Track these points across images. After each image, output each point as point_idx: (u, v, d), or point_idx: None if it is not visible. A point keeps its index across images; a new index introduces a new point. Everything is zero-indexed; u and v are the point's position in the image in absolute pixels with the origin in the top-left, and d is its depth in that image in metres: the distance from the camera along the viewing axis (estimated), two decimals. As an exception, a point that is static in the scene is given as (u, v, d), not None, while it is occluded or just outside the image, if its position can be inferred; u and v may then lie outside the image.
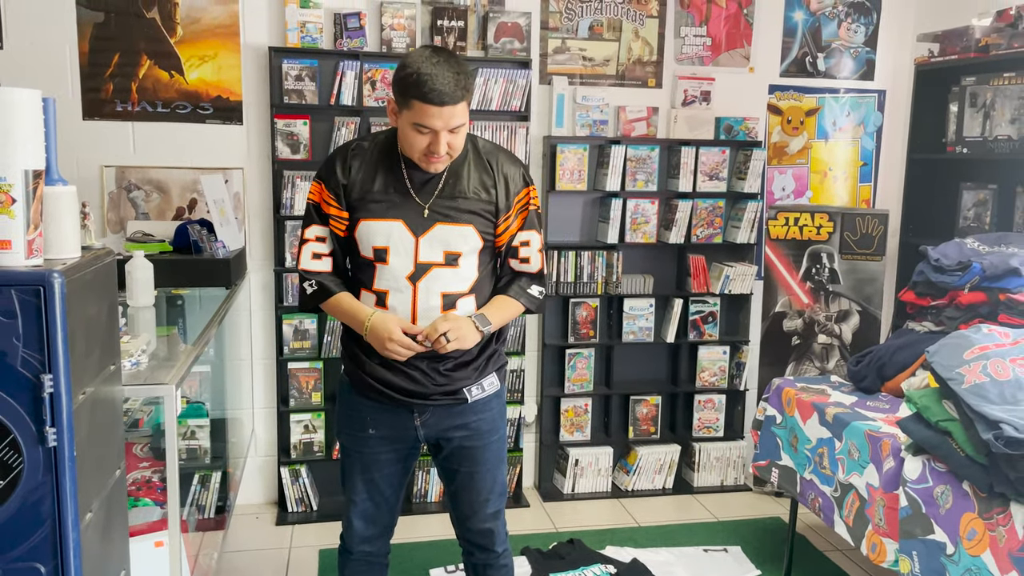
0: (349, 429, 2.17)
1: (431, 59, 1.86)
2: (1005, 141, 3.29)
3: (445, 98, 1.84)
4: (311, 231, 2.07)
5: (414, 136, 1.91)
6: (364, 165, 2.02)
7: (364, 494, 2.18)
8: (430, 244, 2.00)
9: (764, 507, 3.89)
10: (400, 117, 1.92)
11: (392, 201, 2.00)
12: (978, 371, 2.10)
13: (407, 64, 1.87)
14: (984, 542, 2.04)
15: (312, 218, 2.07)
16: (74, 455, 1.41)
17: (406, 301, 2.01)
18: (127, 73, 3.42)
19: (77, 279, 1.45)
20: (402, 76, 1.87)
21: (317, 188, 2.06)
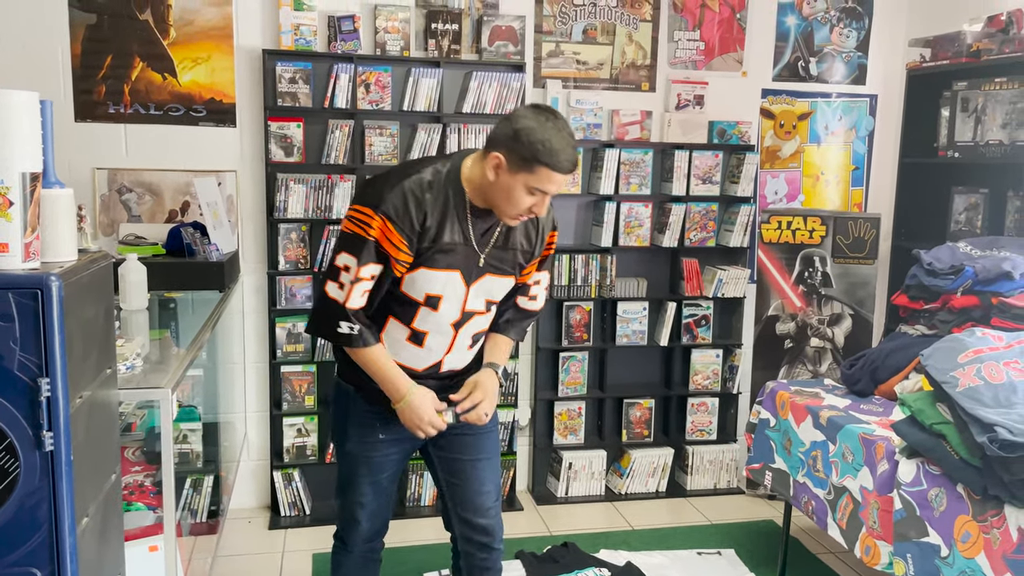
0: (358, 436, 2.15)
1: (555, 127, 1.86)
2: (996, 146, 3.32)
3: (572, 167, 1.88)
4: (367, 270, 1.92)
5: (522, 196, 1.90)
6: (436, 211, 1.95)
7: (371, 495, 2.19)
8: (476, 293, 2.04)
9: (757, 510, 3.90)
10: (513, 177, 1.88)
11: (456, 251, 1.98)
12: (972, 374, 2.11)
13: (533, 131, 1.84)
14: (978, 544, 2.05)
15: (370, 255, 1.92)
16: (71, 459, 1.40)
17: (444, 344, 2.06)
18: (120, 75, 3.41)
19: (74, 282, 1.44)
20: (530, 143, 1.84)
21: (380, 225, 1.90)
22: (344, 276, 1.93)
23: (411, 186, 1.92)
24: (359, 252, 1.92)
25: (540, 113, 1.88)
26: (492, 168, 1.89)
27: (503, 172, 1.88)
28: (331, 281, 1.95)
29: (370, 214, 1.90)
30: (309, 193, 3.51)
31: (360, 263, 1.92)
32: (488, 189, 1.93)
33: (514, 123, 1.87)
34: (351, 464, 2.18)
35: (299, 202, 3.50)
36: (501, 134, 1.89)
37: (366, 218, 1.91)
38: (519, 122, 1.86)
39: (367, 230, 1.91)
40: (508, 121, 1.89)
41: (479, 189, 1.95)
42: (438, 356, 2.08)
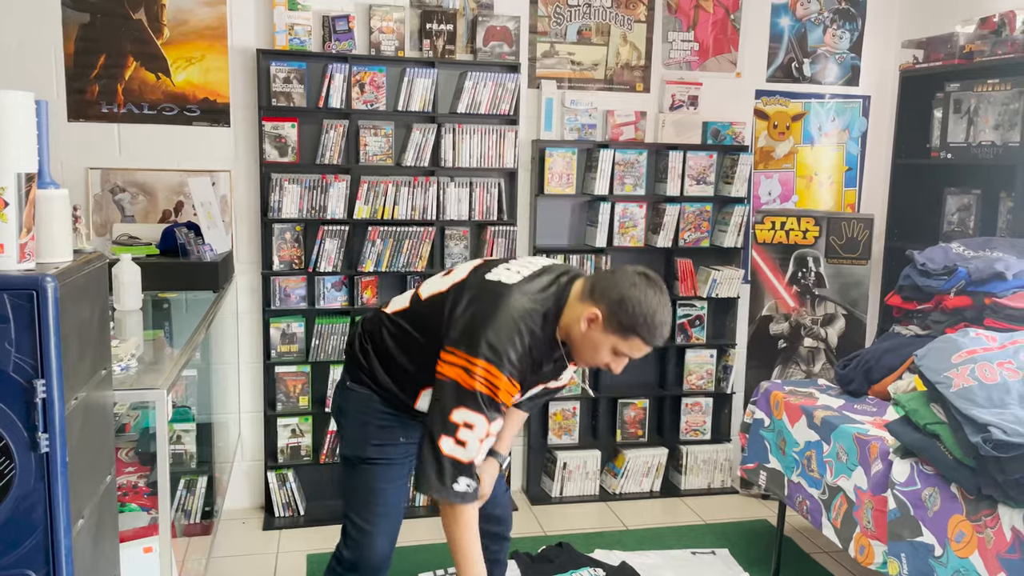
0: (378, 440, 2.12)
1: (660, 302, 1.90)
2: (989, 147, 3.33)
3: (663, 342, 1.95)
4: (496, 424, 1.91)
5: (606, 355, 1.95)
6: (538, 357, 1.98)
7: (394, 504, 2.16)
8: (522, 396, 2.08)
9: (751, 510, 3.91)
10: (604, 336, 1.92)
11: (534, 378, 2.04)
12: (966, 375, 2.12)
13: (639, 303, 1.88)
14: (972, 544, 2.06)
15: (497, 411, 1.89)
16: (66, 461, 1.39)
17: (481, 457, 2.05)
18: (113, 75, 3.39)
19: (70, 283, 1.43)
20: (634, 313, 1.88)
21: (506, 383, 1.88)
22: (465, 433, 1.87)
23: (528, 344, 1.92)
24: (485, 410, 1.88)
25: (650, 285, 1.90)
26: (586, 320, 1.91)
27: (596, 328, 1.91)
28: (446, 436, 1.87)
29: (496, 374, 1.87)
30: (303, 193, 3.50)
31: (489, 420, 1.88)
32: (576, 336, 1.95)
33: (623, 288, 1.88)
34: (371, 472, 2.14)
35: (293, 202, 3.50)
36: (608, 291, 1.90)
37: (493, 378, 1.87)
38: (629, 289, 1.88)
39: (495, 391, 1.88)
40: (617, 280, 1.91)
41: (567, 330, 1.97)
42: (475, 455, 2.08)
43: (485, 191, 3.70)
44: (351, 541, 2.18)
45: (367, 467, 2.14)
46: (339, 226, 3.55)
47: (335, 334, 3.61)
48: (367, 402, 2.12)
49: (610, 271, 1.98)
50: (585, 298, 1.94)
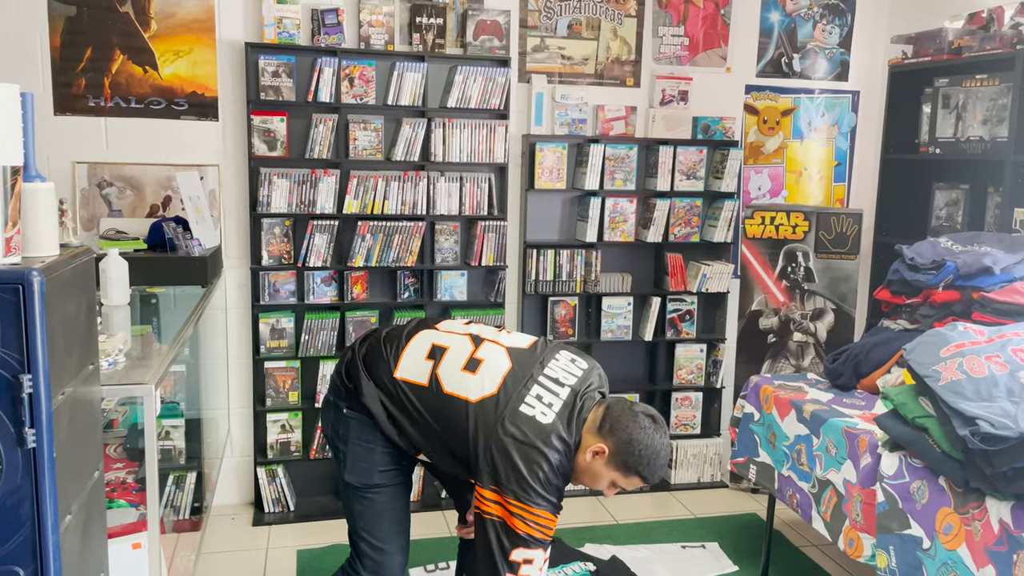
0: (385, 466, 2.13)
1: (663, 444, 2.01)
2: (977, 142, 3.35)
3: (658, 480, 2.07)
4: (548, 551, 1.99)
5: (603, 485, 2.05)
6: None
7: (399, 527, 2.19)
8: None
9: (741, 503, 3.93)
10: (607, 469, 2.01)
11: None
12: (954, 368, 2.13)
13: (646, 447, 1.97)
14: (960, 536, 2.07)
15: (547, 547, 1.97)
16: (53, 456, 1.38)
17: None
18: (100, 68, 3.36)
19: (56, 277, 1.42)
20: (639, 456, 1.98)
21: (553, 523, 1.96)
22: (527, 568, 1.93)
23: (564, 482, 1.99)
24: (545, 544, 1.95)
25: (657, 429, 2.01)
26: (592, 452, 1.99)
27: (600, 461, 2.00)
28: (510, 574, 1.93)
29: (551, 519, 1.95)
30: (293, 188, 3.48)
31: (545, 550, 1.96)
32: (580, 463, 2.02)
33: (632, 430, 1.97)
34: (377, 497, 2.14)
35: (282, 197, 3.48)
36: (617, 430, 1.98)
37: (548, 523, 1.94)
38: (638, 432, 1.97)
39: (548, 533, 1.95)
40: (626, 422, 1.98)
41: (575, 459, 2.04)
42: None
43: (475, 186, 3.69)
44: (368, 561, 2.18)
45: (376, 493, 2.14)
46: (329, 221, 3.53)
47: (325, 329, 3.60)
48: (371, 429, 2.09)
49: (620, 405, 2.03)
50: (593, 431, 2.01)
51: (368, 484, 2.13)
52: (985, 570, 1.99)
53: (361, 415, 2.10)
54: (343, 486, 2.19)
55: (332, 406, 2.18)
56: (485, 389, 2.02)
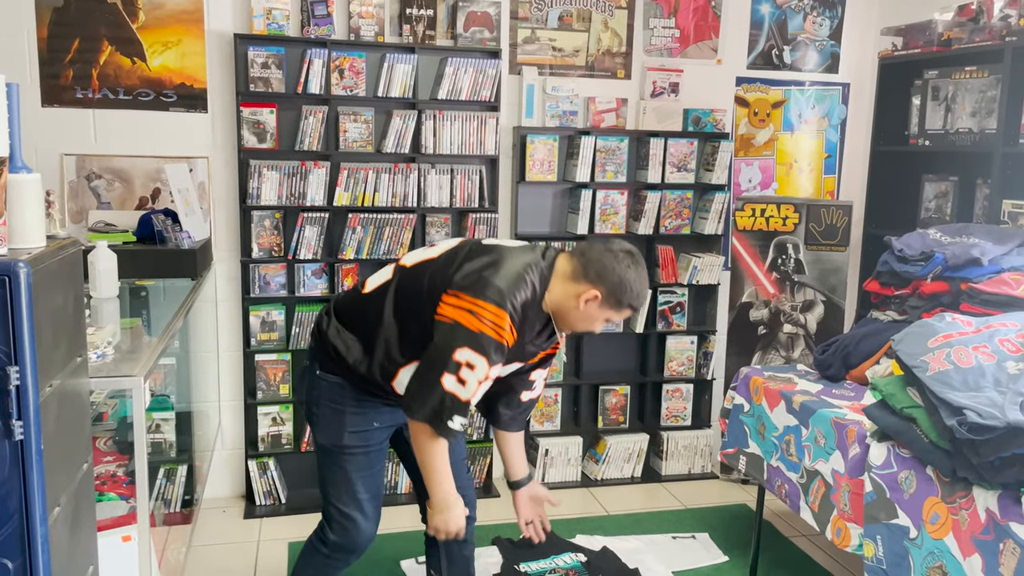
0: (355, 427, 2.16)
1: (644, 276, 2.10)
2: (966, 134, 3.36)
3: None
4: (495, 369, 1.98)
5: (599, 324, 2.12)
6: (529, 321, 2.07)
7: (371, 491, 2.22)
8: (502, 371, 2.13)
9: (731, 494, 3.95)
10: (601, 311, 2.07)
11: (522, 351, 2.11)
12: (942, 359, 2.15)
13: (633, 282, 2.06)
14: (947, 526, 2.09)
15: (500, 355, 1.97)
16: (41, 448, 1.38)
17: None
18: (88, 59, 3.34)
19: (43, 269, 1.41)
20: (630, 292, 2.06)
21: (507, 325, 1.96)
22: (467, 372, 1.92)
23: (529, 297, 2.03)
24: (489, 352, 1.94)
25: (635, 262, 2.09)
26: (585, 300, 2.05)
27: (594, 305, 2.06)
28: (449, 374, 1.92)
29: (501, 315, 1.95)
30: (282, 180, 3.47)
31: (491, 363, 1.95)
32: (569, 310, 2.08)
33: (620, 270, 2.05)
34: (349, 459, 2.17)
35: (272, 189, 3.47)
36: (605, 273, 2.04)
37: (499, 320, 1.94)
38: (625, 272, 2.05)
39: (500, 333, 1.95)
40: (609, 262, 2.05)
41: (556, 304, 2.08)
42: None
43: (466, 178, 3.69)
44: (337, 526, 2.21)
45: (346, 455, 2.17)
46: (319, 213, 3.52)
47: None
48: (340, 391, 2.14)
49: (596, 250, 2.08)
50: (579, 279, 2.06)
51: (338, 445, 2.16)
52: (972, 559, 2.01)
53: (332, 376, 2.14)
54: (317, 451, 2.24)
55: (307, 370, 2.24)
56: (448, 246, 2.16)
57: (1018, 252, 2.75)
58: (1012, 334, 2.18)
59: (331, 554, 2.25)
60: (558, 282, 2.08)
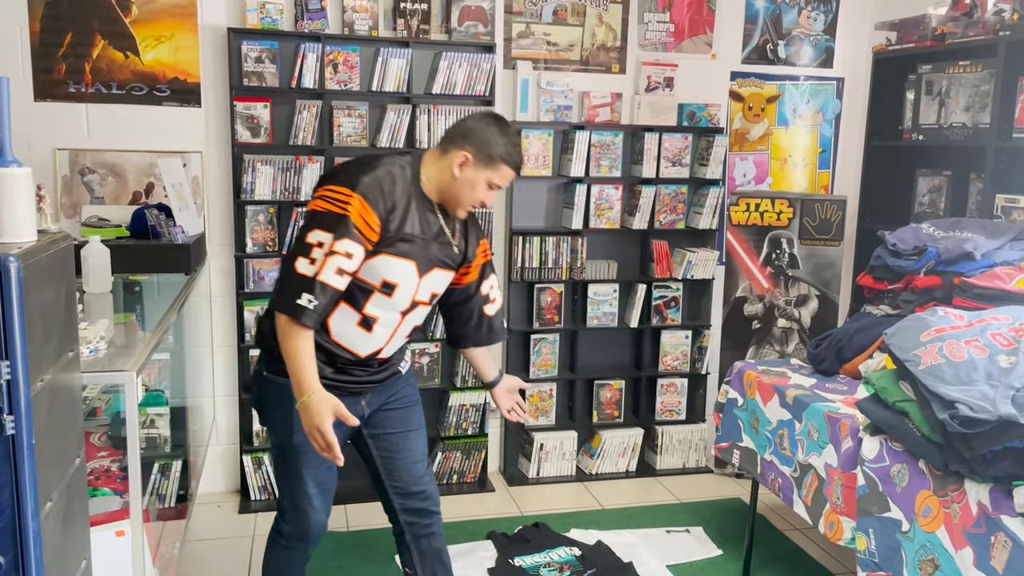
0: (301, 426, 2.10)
1: (512, 133, 2.13)
2: (960, 128, 3.37)
3: (520, 168, 2.17)
4: (343, 244, 1.95)
5: (482, 190, 2.11)
6: (401, 202, 2.07)
7: (321, 486, 2.22)
8: (426, 285, 2.16)
9: (725, 488, 3.96)
10: (477, 173, 2.09)
11: (414, 243, 2.10)
12: (934, 353, 2.15)
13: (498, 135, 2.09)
14: (939, 519, 2.10)
15: (346, 230, 1.96)
16: (33, 443, 1.38)
17: (389, 331, 2.16)
18: (80, 53, 3.33)
19: (33, 263, 1.41)
20: (497, 144, 2.09)
21: (358, 203, 1.97)
22: (317, 252, 1.96)
23: (382, 175, 2.04)
24: (335, 228, 1.96)
25: (500, 121, 2.13)
26: (458, 165, 2.08)
27: (468, 168, 2.08)
28: (301, 258, 1.96)
29: (348, 192, 1.97)
30: (276, 175, 3.47)
31: (336, 237, 1.95)
32: (449, 184, 2.11)
33: (482, 128, 2.10)
34: (300, 457, 2.17)
35: (266, 184, 3.46)
36: (469, 134, 2.09)
37: (344, 196, 1.97)
38: (488, 128, 2.10)
39: (344, 207, 1.96)
40: (472, 124, 2.11)
41: (436, 185, 2.12)
42: (382, 342, 2.16)
43: (460, 172, 3.68)
44: (291, 517, 2.26)
45: (296, 454, 2.17)
46: (313, 208, 3.51)
47: (310, 317, 3.59)
48: (287, 392, 2.08)
49: (458, 121, 2.16)
50: (447, 149, 2.11)
51: (288, 444, 2.17)
52: (963, 552, 2.02)
53: (279, 378, 2.11)
54: (271, 448, 2.29)
55: (256, 373, 2.25)
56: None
57: (1011, 246, 2.76)
58: (1004, 328, 2.18)
59: (288, 544, 2.30)
60: (430, 162, 2.13)
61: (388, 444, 2.30)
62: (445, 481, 3.88)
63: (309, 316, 1.95)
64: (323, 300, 1.96)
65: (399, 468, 2.30)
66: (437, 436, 3.88)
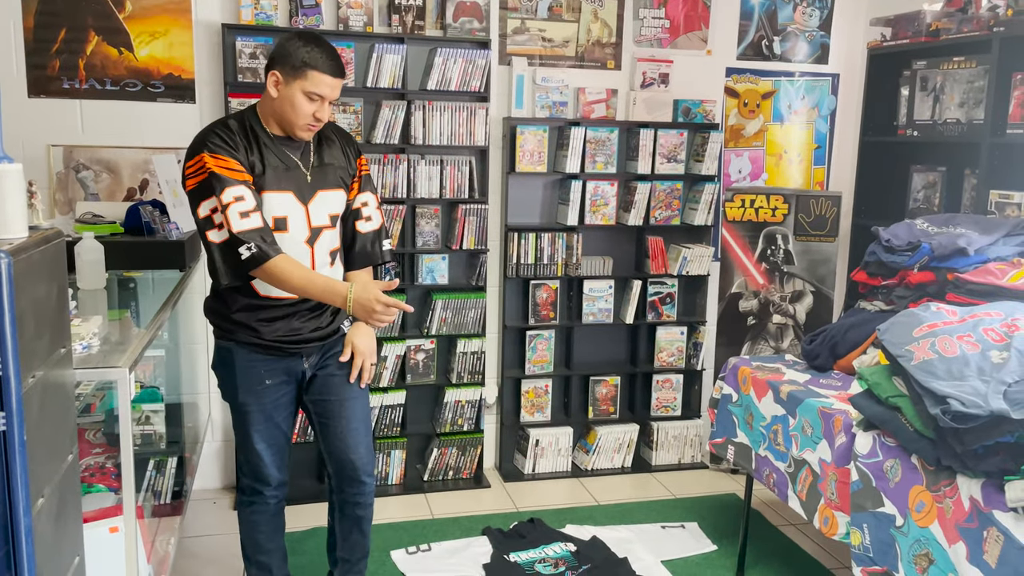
0: (247, 385, 2.32)
1: (318, 43, 2.18)
2: (954, 124, 3.37)
3: (338, 71, 2.20)
4: (229, 193, 2.10)
5: (303, 103, 2.18)
6: (245, 141, 2.21)
7: (268, 441, 2.38)
8: (317, 209, 2.29)
9: (720, 484, 3.96)
10: (289, 87, 2.17)
11: (280, 174, 2.24)
12: (927, 348, 2.16)
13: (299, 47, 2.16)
14: (932, 513, 2.11)
15: (221, 183, 2.10)
16: (24, 439, 1.37)
17: (305, 263, 2.26)
18: (74, 49, 3.32)
19: (25, 259, 1.41)
20: (297, 53, 2.16)
21: (210, 160, 2.12)
22: (216, 216, 2.11)
23: (217, 127, 2.20)
24: (211, 188, 2.11)
25: (305, 34, 2.22)
26: (273, 86, 2.19)
27: (282, 86, 2.18)
28: (208, 231, 2.13)
29: (197, 158, 2.14)
30: (271, 171, 3.46)
31: (218, 193, 2.10)
32: (277, 108, 2.21)
33: (285, 44, 2.19)
34: (246, 415, 2.35)
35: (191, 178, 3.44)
36: (273, 55, 2.20)
37: (197, 163, 2.14)
38: (290, 43, 2.18)
39: (203, 170, 2.12)
40: (279, 44, 2.21)
41: (272, 115, 2.23)
42: None
43: (456, 169, 3.68)
44: (246, 468, 2.43)
45: (243, 412, 2.35)
46: (308, 204, 3.51)
47: (305, 313, 3.59)
48: (229, 355, 2.31)
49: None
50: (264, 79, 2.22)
51: (234, 403, 2.36)
52: (956, 546, 2.03)
53: (223, 342, 2.32)
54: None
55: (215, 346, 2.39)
56: None
57: (1004, 242, 2.76)
58: (996, 323, 2.19)
59: (250, 499, 2.47)
60: (261, 100, 2.26)
61: (324, 410, 2.42)
62: (441, 477, 3.88)
63: (262, 255, 2.11)
64: (260, 238, 2.12)
65: (333, 435, 2.42)
66: (433, 432, 3.88)
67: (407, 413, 3.78)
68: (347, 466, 2.43)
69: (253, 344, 2.29)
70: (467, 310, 3.78)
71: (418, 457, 3.95)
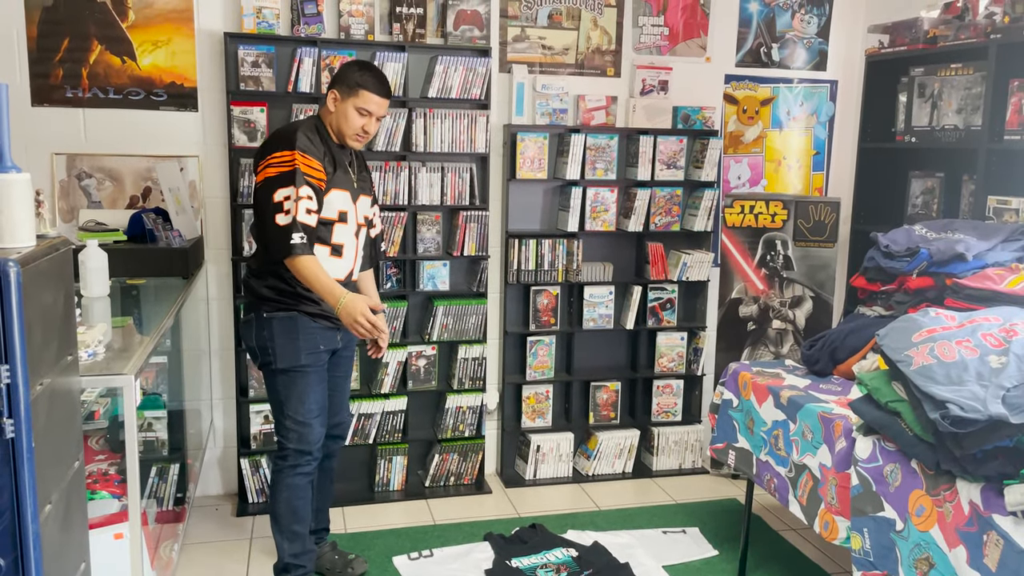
0: (309, 349, 2.67)
1: (371, 68, 2.67)
2: (952, 130, 3.39)
3: (385, 92, 2.67)
4: (304, 190, 2.50)
5: (355, 117, 2.64)
6: (323, 146, 2.64)
7: (320, 403, 2.74)
8: (360, 208, 2.76)
9: (721, 489, 3.97)
10: (345, 103, 2.63)
11: (340, 176, 2.67)
12: (926, 353, 2.17)
13: (355, 70, 2.65)
14: (932, 518, 2.12)
15: (301, 180, 2.50)
16: (32, 446, 1.39)
17: (353, 252, 2.74)
18: (77, 58, 3.34)
19: (33, 268, 1.43)
20: (352, 76, 2.64)
21: (300, 158, 2.51)
22: (288, 204, 2.47)
23: (306, 131, 2.61)
24: (292, 181, 2.49)
25: (361, 62, 2.71)
26: (332, 101, 2.66)
27: (339, 102, 2.65)
28: (278, 214, 2.48)
29: (290, 153, 2.51)
30: (273, 178, 3.48)
31: (297, 186, 2.49)
32: (334, 121, 2.66)
33: (343, 69, 2.67)
34: (306, 376, 2.68)
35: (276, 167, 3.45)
36: (335, 77, 2.67)
37: (288, 157, 2.51)
38: (347, 68, 2.67)
39: (292, 164, 2.50)
40: (339, 70, 2.68)
41: (330, 126, 2.68)
42: (351, 264, 2.74)
43: (457, 176, 3.70)
44: (293, 435, 2.71)
45: (301, 374, 2.67)
46: (310, 211, 3.52)
47: (307, 320, 3.60)
48: (293, 321, 2.64)
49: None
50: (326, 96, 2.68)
51: (296, 366, 2.66)
52: (957, 550, 2.04)
53: (282, 313, 2.63)
54: (271, 381, 2.72)
55: (250, 320, 2.69)
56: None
57: (1002, 247, 2.78)
58: (995, 328, 2.20)
59: (295, 463, 2.72)
60: (323, 113, 2.70)
61: (332, 383, 2.87)
62: (442, 483, 3.89)
63: (307, 248, 2.50)
64: (307, 234, 2.50)
65: (336, 403, 2.93)
66: (434, 438, 3.89)
67: (408, 419, 3.80)
68: (337, 427, 2.97)
69: (314, 314, 2.65)
70: (468, 316, 3.79)
71: (419, 463, 3.96)
